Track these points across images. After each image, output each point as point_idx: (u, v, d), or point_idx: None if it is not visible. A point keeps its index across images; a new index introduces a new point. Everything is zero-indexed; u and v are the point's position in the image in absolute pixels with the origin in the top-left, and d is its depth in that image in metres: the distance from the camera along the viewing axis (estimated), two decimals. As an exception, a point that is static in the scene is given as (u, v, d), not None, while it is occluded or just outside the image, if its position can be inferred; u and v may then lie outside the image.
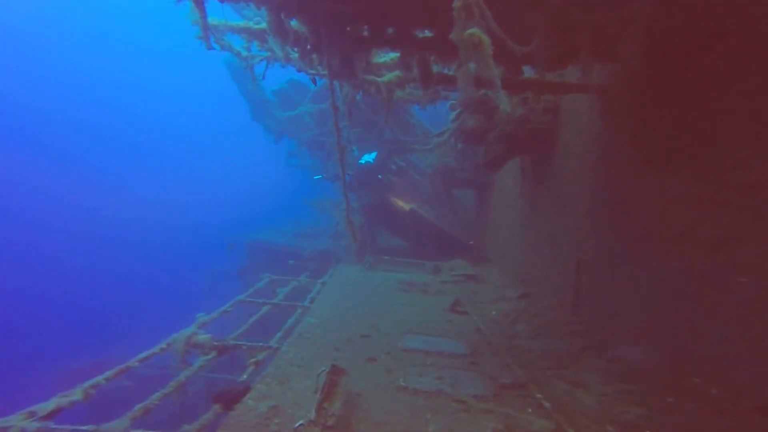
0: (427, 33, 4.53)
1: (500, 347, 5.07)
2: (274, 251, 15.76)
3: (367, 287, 8.16)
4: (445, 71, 4.98)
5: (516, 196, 8.81)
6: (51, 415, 3.38)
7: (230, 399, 3.62)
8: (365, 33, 4.53)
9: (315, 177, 15.18)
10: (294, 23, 4.32)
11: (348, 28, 4.31)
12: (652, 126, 4.18)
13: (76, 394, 3.71)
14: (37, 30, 53.41)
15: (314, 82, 5.44)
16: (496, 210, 10.85)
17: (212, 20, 4.84)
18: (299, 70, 5.69)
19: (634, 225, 4.51)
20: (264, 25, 4.75)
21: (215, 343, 5.12)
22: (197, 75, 60.50)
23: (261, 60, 5.69)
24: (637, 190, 4.45)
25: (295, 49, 4.73)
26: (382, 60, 5.52)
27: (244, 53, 5.71)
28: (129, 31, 60.51)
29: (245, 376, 4.70)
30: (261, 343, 5.47)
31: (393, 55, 5.50)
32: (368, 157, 13.30)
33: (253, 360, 5.00)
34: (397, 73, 5.48)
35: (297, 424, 2.83)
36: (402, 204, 12.69)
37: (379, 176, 13.39)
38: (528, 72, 4.68)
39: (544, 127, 6.83)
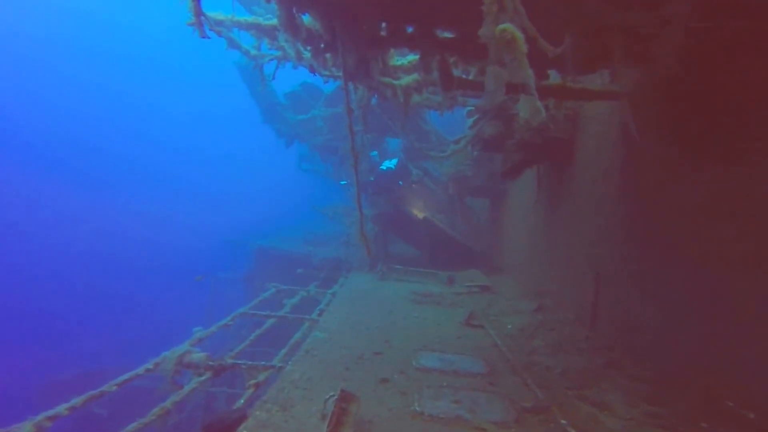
0: (447, 34, 4.27)
1: (518, 365, 4.75)
2: (283, 258, 15.46)
3: (379, 298, 7.86)
4: (463, 76, 4.69)
5: (531, 206, 8.50)
6: None
7: (222, 430, 3.27)
8: (383, 32, 4.27)
9: (341, 183, 14.79)
10: (306, 19, 4.06)
11: (365, 26, 4.03)
12: (685, 133, 3.87)
13: (24, 430, 3.12)
14: (62, 55, 54.85)
15: (312, 70, 5.15)
16: (510, 219, 10.53)
17: (219, 15, 4.62)
18: (311, 71, 5.44)
19: (662, 238, 4.20)
20: (274, 21, 4.50)
21: (211, 363, 4.73)
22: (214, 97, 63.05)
23: (271, 59, 5.43)
24: (666, 201, 4.14)
25: (308, 47, 4.47)
26: (399, 63, 5.26)
27: (254, 52, 5.47)
28: (150, 57, 62.27)
29: (242, 401, 4.30)
30: (263, 362, 5.12)
31: (411, 58, 5.24)
32: (389, 163, 13.03)
33: (253, 382, 4.60)
34: (415, 76, 5.22)
35: None
36: (416, 212, 12.42)
37: (400, 182, 13.12)
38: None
39: (563, 135, 6.54)
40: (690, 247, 3.80)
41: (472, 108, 7.60)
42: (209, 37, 4.06)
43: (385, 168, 12.94)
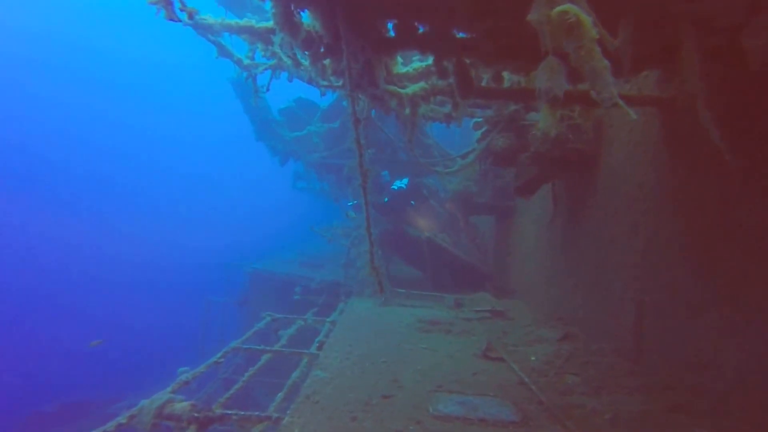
0: (461, 35, 3.76)
1: (556, 408, 4.07)
2: (278, 282, 14.78)
3: (383, 327, 7.24)
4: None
5: (546, 223, 7.95)
6: None
7: None
8: (390, 33, 3.76)
9: (349, 203, 14.08)
10: (305, 19, 3.55)
11: (371, 25, 3.52)
12: None
13: None
14: (49, 81, 54.99)
15: (309, 80, 4.66)
16: (521, 238, 9.96)
17: (208, 18, 4.12)
18: (309, 81, 4.93)
19: (737, 263, 3.56)
20: (269, 23, 3.99)
21: (196, 414, 4.08)
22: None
23: (265, 69, 4.92)
24: (744, 220, 3.51)
25: (306, 52, 3.95)
26: (403, 70, 4.75)
27: (246, 61, 4.97)
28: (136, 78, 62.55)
29: None
30: (257, 413, 4.48)
31: (416, 65, 4.74)
32: (400, 183, 12.55)
33: (245, 438, 3.96)
34: (422, 84, 4.70)
35: None
36: (418, 231, 11.88)
37: (412, 202, 12.60)
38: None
39: (585, 147, 6.01)
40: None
41: (480, 119, 7.10)
42: (180, 20, 3.52)
43: (396, 188, 12.44)
